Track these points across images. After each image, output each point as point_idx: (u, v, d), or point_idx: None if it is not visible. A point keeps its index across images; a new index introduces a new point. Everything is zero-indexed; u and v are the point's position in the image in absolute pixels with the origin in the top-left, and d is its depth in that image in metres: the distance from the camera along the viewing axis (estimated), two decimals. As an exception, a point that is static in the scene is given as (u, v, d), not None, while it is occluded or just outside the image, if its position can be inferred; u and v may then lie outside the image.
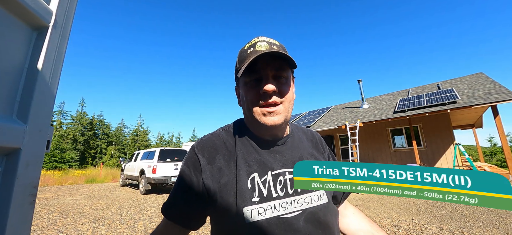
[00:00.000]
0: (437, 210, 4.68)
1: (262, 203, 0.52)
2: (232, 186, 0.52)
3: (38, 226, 3.97)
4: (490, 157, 31.58)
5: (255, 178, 0.54)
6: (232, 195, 0.51)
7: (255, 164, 0.56)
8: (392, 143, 10.86)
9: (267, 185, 0.54)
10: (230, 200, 0.51)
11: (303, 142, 0.68)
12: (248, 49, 0.57)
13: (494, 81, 8.75)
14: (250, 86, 0.57)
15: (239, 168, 0.54)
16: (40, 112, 0.57)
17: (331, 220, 0.57)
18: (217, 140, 0.59)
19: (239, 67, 0.57)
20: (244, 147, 0.58)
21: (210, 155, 0.56)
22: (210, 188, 0.53)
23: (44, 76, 0.57)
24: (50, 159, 23.80)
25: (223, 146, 0.58)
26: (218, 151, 0.57)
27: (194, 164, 0.55)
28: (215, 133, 0.63)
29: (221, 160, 0.55)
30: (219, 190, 0.52)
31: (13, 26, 0.51)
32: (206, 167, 0.54)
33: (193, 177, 0.54)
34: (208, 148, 0.57)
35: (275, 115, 0.56)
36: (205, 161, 0.55)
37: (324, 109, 15.11)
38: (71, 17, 0.68)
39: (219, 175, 0.54)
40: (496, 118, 6.98)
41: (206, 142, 0.59)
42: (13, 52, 0.51)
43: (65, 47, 0.66)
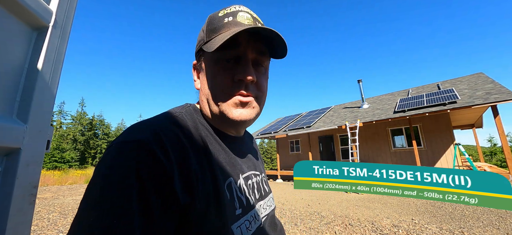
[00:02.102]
0: (437, 210, 4.68)
1: (245, 214, 0.43)
2: (213, 197, 0.37)
3: (38, 226, 3.97)
4: (490, 157, 31.57)
5: (231, 185, 0.42)
6: (217, 212, 0.36)
7: (227, 166, 0.43)
8: (392, 143, 10.85)
9: (243, 192, 0.45)
10: (215, 219, 0.36)
11: (247, 140, 0.60)
12: (225, 17, 0.43)
13: (494, 81, 8.74)
14: (222, 67, 0.43)
15: (216, 171, 0.40)
16: (40, 112, 0.57)
17: (280, 223, 0.57)
18: (179, 131, 0.38)
19: (209, 37, 0.43)
20: (211, 143, 0.43)
21: (181, 155, 0.35)
22: (188, 208, 0.33)
23: (44, 76, 0.57)
24: (50, 159, 23.80)
25: (187, 140, 0.38)
26: (186, 148, 0.37)
27: (152, 170, 0.31)
28: (168, 119, 0.40)
29: (194, 161, 0.36)
30: (200, 208, 0.34)
31: (13, 26, 0.51)
32: (178, 175, 0.33)
33: (151, 195, 0.29)
34: (174, 144, 0.35)
35: (248, 108, 0.44)
36: (177, 166, 0.33)
37: (324, 109, 15.10)
38: (71, 17, 0.68)
39: (196, 183, 0.35)
40: (496, 118, 6.97)
41: (169, 134, 0.36)
42: (13, 52, 0.51)
43: (65, 47, 0.66)
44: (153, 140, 0.33)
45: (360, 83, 12.47)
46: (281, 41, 0.42)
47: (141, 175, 0.29)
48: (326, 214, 4.62)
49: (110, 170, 0.30)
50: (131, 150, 0.31)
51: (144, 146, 0.32)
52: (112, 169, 0.30)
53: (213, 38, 0.42)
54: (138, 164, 0.30)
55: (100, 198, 0.28)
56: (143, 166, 0.30)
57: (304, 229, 3.71)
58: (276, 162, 19.52)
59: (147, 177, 0.30)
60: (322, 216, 4.46)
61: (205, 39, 0.44)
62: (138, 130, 0.35)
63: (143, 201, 0.28)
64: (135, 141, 0.32)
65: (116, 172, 0.29)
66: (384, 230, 3.50)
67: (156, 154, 0.32)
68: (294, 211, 4.99)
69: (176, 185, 0.32)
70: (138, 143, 0.32)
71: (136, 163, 0.30)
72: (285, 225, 3.96)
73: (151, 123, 0.37)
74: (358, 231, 3.49)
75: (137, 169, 0.30)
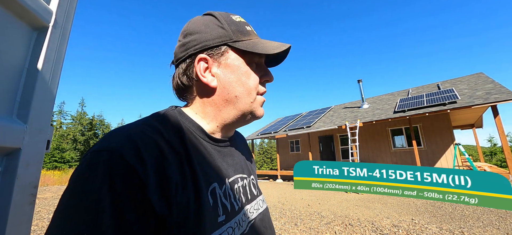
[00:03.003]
0: (437, 210, 4.68)
1: (229, 221, 0.41)
2: (194, 205, 0.35)
3: (38, 226, 3.97)
4: (490, 157, 31.57)
5: (215, 190, 0.41)
6: (196, 220, 0.35)
7: (211, 171, 0.42)
8: (392, 143, 10.85)
9: (228, 197, 0.43)
10: (194, 228, 0.34)
11: (238, 142, 0.60)
12: (245, 25, 0.48)
13: (494, 81, 8.74)
14: (253, 69, 0.47)
15: (198, 177, 0.38)
16: (40, 112, 0.57)
17: (272, 224, 0.56)
18: (157, 136, 0.37)
19: (238, 37, 0.46)
20: (196, 148, 0.42)
21: (158, 162, 0.33)
22: (165, 218, 0.32)
23: (44, 76, 0.57)
24: (50, 159, 23.81)
25: (167, 145, 0.37)
26: (165, 155, 0.35)
27: (125, 180, 0.30)
28: (146, 123, 0.39)
29: (174, 168, 0.35)
30: (177, 217, 0.33)
31: (13, 26, 0.51)
32: (154, 184, 0.31)
33: (125, 207, 0.29)
34: (151, 151, 0.34)
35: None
36: (153, 173, 0.32)
37: (324, 109, 15.10)
38: (71, 17, 0.68)
39: (174, 191, 0.33)
40: (496, 118, 6.97)
41: (145, 140, 0.34)
42: (13, 52, 0.51)
43: (65, 47, 0.66)
44: (127, 147, 0.32)
45: (360, 83, 12.47)
46: (284, 59, 0.53)
47: (114, 185, 0.29)
48: (326, 214, 4.62)
49: (82, 181, 0.29)
50: (103, 160, 0.30)
51: (117, 154, 0.31)
52: (83, 180, 0.29)
53: (246, 40, 0.46)
54: (111, 174, 0.29)
55: (71, 209, 0.28)
56: (116, 176, 0.29)
57: (304, 229, 3.72)
58: (276, 162, 19.52)
59: (120, 188, 0.29)
60: (322, 216, 4.46)
61: (233, 38, 0.45)
62: (112, 137, 0.34)
63: (116, 213, 0.28)
64: (107, 150, 0.31)
65: (88, 183, 0.29)
66: (384, 230, 3.50)
67: (129, 162, 0.31)
68: (294, 211, 4.99)
69: (152, 195, 0.31)
70: (111, 152, 0.31)
71: (108, 173, 0.29)
72: (285, 225, 3.96)
73: (128, 129, 0.36)
74: (358, 231, 3.49)
75: (110, 179, 0.29)
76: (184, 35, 0.47)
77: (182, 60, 0.46)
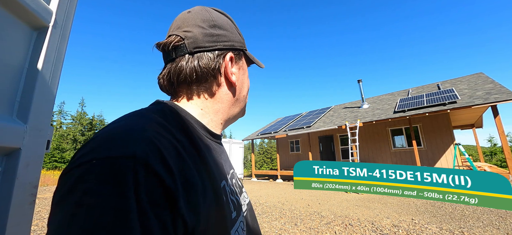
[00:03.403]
0: (437, 210, 4.68)
1: (239, 215, 0.42)
2: (215, 207, 0.34)
3: (38, 226, 3.97)
4: (490, 157, 31.58)
5: (225, 187, 0.40)
6: (218, 222, 0.33)
7: (219, 169, 0.42)
8: (392, 143, 10.85)
9: (233, 192, 0.44)
10: (217, 230, 0.33)
11: None
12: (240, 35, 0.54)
13: (494, 81, 8.74)
14: (246, 76, 0.54)
15: (215, 177, 0.37)
16: (40, 112, 0.57)
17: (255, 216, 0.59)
18: (171, 136, 0.33)
19: (245, 47, 0.53)
20: (204, 147, 0.40)
21: (181, 168, 0.29)
22: (193, 225, 0.28)
23: (44, 76, 0.57)
24: (50, 159, 23.80)
25: (182, 148, 0.33)
26: (182, 157, 0.31)
27: (156, 197, 0.25)
28: (156, 123, 0.33)
29: (195, 173, 0.32)
30: (204, 224, 0.30)
31: (13, 26, 0.51)
32: (182, 192, 0.27)
33: (156, 226, 0.24)
34: (173, 155, 0.29)
35: None
36: (180, 183, 0.28)
37: (324, 109, 15.10)
38: (71, 17, 0.68)
39: (201, 201, 0.31)
40: (496, 118, 6.97)
41: (164, 142, 0.30)
42: (13, 52, 0.51)
43: (65, 47, 0.66)
44: (151, 153, 0.26)
45: (360, 83, 12.47)
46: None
47: (141, 201, 0.23)
48: (326, 214, 4.62)
49: (98, 200, 0.22)
50: (126, 169, 0.23)
51: (143, 163, 0.25)
52: (100, 198, 0.22)
53: (247, 51, 0.53)
54: (138, 188, 0.23)
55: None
56: (144, 190, 0.23)
57: (304, 229, 3.72)
58: (276, 162, 19.53)
59: (147, 203, 0.23)
60: (322, 216, 4.46)
61: (244, 47, 0.52)
62: (128, 140, 0.27)
63: (141, 217, 0.23)
64: (129, 157, 0.24)
65: (108, 203, 0.22)
66: (384, 230, 3.50)
67: (158, 173, 0.25)
68: (294, 211, 4.99)
69: (183, 208, 0.26)
70: (135, 160, 0.24)
71: (135, 188, 0.23)
72: (285, 225, 3.96)
73: (142, 129, 0.29)
74: (358, 231, 3.49)
75: (137, 195, 0.23)
76: (211, 25, 0.44)
77: (208, 50, 0.43)
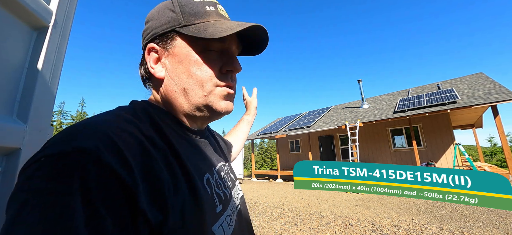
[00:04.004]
0: (437, 210, 4.68)
1: (226, 209, 0.40)
2: (190, 202, 0.32)
3: (38, 226, 3.97)
4: (490, 157, 31.58)
5: (210, 180, 0.40)
6: (197, 217, 0.32)
7: (201, 162, 0.41)
8: (392, 143, 10.85)
9: (220, 186, 0.43)
10: (193, 227, 0.31)
11: (208, 132, 0.58)
12: (206, 5, 0.40)
13: (494, 81, 8.74)
14: (208, 56, 0.39)
15: (190, 171, 0.35)
16: (40, 112, 0.57)
17: (248, 213, 0.57)
18: (136, 132, 0.31)
19: (190, 21, 0.38)
20: (177, 140, 0.38)
21: (144, 163, 0.28)
22: (158, 222, 0.27)
23: (44, 76, 0.57)
24: (50, 159, 23.83)
25: (149, 142, 0.32)
26: (148, 151, 0.30)
27: (107, 191, 0.24)
28: (120, 117, 0.33)
29: (161, 166, 0.30)
30: (175, 222, 0.29)
31: (13, 26, 0.51)
32: (142, 187, 0.26)
33: (108, 225, 0.23)
34: (131, 147, 0.28)
35: (231, 101, 0.43)
36: (141, 178, 0.27)
37: (324, 109, 15.10)
38: (71, 17, 0.68)
39: (167, 193, 0.29)
40: (496, 118, 6.97)
41: (125, 136, 0.29)
42: (13, 52, 0.51)
43: (65, 47, 0.66)
44: (105, 147, 0.25)
45: (360, 83, 12.47)
46: (266, 38, 0.43)
47: (90, 198, 0.22)
48: (326, 214, 4.62)
49: (44, 197, 0.21)
50: (73, 165, 0.22)
51: (93, 157, 0.23)
52: (46, 194, 0.21)
53: (199, 23, 0.38)
54: (86, 184, 0.22)
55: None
56: (94, 186, 0.22)
57: (304, 229, 3.72)
58: (276, 162, 19.53)
59: (99, 201, 0.22)
60: (322, 216, 4.46)
61: (183, 22, 0.38)
62: (81, 134, 0.26)
63: (92, 214, 0.22)
64: (79, 151, 0.23)
65: (55, 198, 0.21)
66: (384, 230, 3.50)
67: (111, 167, 0.24)
68: (294, 211, 4.99)
69: (143, 203, 0.25)
70: (84, 154, 0.23)
71: (82, 183, 0.22)
72: (285, 225, 3.96)
73: (100, 123, 0.28)
74: (358, 231, 3.49)
75: (84, 191, 0.22)
76: (145, 23, 0.44)
77: (143, 49, 0.43)
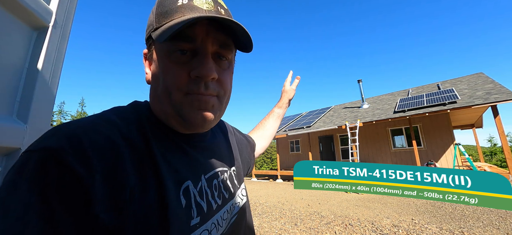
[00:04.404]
0: (437, 210, 4.68)
1: (205, 223, 0.37)
2: (157, 211, 0.31)
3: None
4: (490, 157, 31.57)
5: (189, 189, 0.36)
6: (160, 226, 0.30)
7: (183, 168, 0.37)
8: (392, 143, 10.84)
9: (204, 195, 0.39)
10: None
11: (218, 132, 0.55)
12: (180, 0, 0.36)
13: (494, 81, 8.74)
14: (176, 60, 0.35)
15: (163, 177, 0.33)
16: (40, 112, 0.57)
17: (251, 220, 0.54)
18: (113, 132, 0.31)
19: (159, 22, 0.36)
20: (161, 143, 0.37)
21: (109, 164, 0.28)
22: (115, 227, 0.27)
23: (44, 76, 0.57)
24: (50, 159, 23.86)
25: (126, 143, 0.32)
26: (120, 154, 0.30)
27: (62, 187, 0.25)
28: (102, 118, 0.33)
29: (130, 170, 0.30)
30: (134, 229, 0.28)
31: (13, 26, 0.51)
32: (100, 189, 0.26)
33: (60, 220, 0.24)
34: (100, 150, 0.28)
35: (209, 110, 0.37)
36: (100, 178, 0.27)
37: (324, 109, 15.10)
38: (71, 17, 0.68)
39: (129, 199, 0.29)
40: (496, 118, 6.97)
41: (93, 136, 0.29)
42: (13, 52, 0.51)
43: (65, 47, 0.66)
44: (68, 146, 0.26)
45: (360, 83, 12.46)
46: (244, 32, 0.36)
47: (47, 195, 0.24)
48: (326, 214, 4.62)
49: (9, 189, 0.24)
50: (35, 162, 0.25)
51: (53, 155, 0.25)
52: (11, 187, 0.24)
53: (164, 24, 0.35)
54: (44, 180, 0.24)
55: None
56: (50, 183, 0.24)
57: (304, 229, 3.72)
58: (276, 162, 19.53)
59: (55, 198, 0.24)
60: (322, 216, 4.46)
61: (155, 25, 0.36)
62: (51, 134, 0.28)
63: (48, 231, 0.23)
64: (41, 150, 0.26)
65: (15, 191, 0.24)
66: (384, 230, 3.50)
67: (69, 165, 0.25)
68: (294, 211, 4.99)
69: (98, 205, 0.26)
70: (45, 152, 0.25)
71: (40, 180, 0.24)
72: (285, 225, 3.96)
73: (75, 124, 0.30)
74: (358, 231, 3.49)
75: (41, 187, 0.24)
76: None
77: None
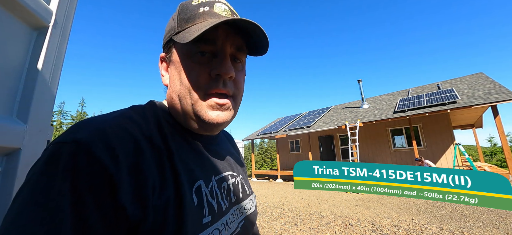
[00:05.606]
0: (437, 210, 4.68)
1: (215, 222, 0.38)
2: (173, 206, 0.32)
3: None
4: (490, 157, 31.56)
5: (201, 188, 0.38)
6: (176, 223, 0.31)
7: (196, 168, 0.39)
8: (392, 143, 10.84)
9: (215, 196, 0.40)
10: (173, 232, 0.31)
11: (226, 142, 0.58)
12: (200, 7, 0.39)
13: (494, 81, 8.74)
14: (197, 61, 0.38)
15: (179, 174, 0.35)
16: (40, 112, 0.57)
17: (258, 232, 0.56)
18: (135, 130, 0.33)
19: (181, 27, 0.39)
20: (177, 142, 0.39)
21: (134, 159, 0.30)
22: (137, 219, 0.28)
23: (44, 76, 0.57)
24: (50, 159, 23.82)
25: (146, 141, 0.34)
26: (142, 150, 0.32)
27: (92, 178, 0.26)
28: (124, 115, 0.35)
29: (152, 166, 0.32)
30: (154, 222, 0.29)
31: (13, 26, 0.51)
32: (126, 182, 0.28)
33: (89, 210, 0.25)
34: (124, 143, 0.30)
35: (225, 110, 0.40)
36: (127, 172, 0.28)
37: (324, 109, 15.10)
38: (71, 17, 0.68)
39: (151, 193, 0.30)
40: (496, 118, 6.97)
41: (120, 133, 0.31)
42: (13, 52, 0.51)
43: (65, 47, 0.66)
44: (97, 140, 0.28)
45: (360, 83, 12.47)
46: (262, 36, 0.39)
47: (77, 185, 0.25)
48: (326, 214, 4.62)
49: (40, 178, 0.25)
50: (67, 153, 0.26)
51: (84, 147, 0.27)
52: (42, 176, 0.25)
53: (187, 28, 0.38)
54: (74, 171, 0.25)
55: (28, 207, 0.24)
56: (81, 173, 0.26)
57: (304, 229, 3.72)
58: (276, 162, 19.53)
59: (85, 189, 0.25)
60: (322, 216, 4.46)
61: (177, 29, 0.39)
62: (80, 128, 0.30)
63: (77, 218, 0.24)
64: (72, 142, 0.27)
65: (47, 180, 0.25)
66: (384, 230, 3.50)
67: (98, 157, 0.27)
68: (294, 211, 4.99)
69: (124, 197, 0.27)
70: (76, 145, 0.27)
71: (71, 170, 0.25)
72: (285, 225, 3.96)
73: (101, 120, 0.32)
74: (358, 231, 3.49)
75: (72, 177, 0.25)
76: None
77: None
